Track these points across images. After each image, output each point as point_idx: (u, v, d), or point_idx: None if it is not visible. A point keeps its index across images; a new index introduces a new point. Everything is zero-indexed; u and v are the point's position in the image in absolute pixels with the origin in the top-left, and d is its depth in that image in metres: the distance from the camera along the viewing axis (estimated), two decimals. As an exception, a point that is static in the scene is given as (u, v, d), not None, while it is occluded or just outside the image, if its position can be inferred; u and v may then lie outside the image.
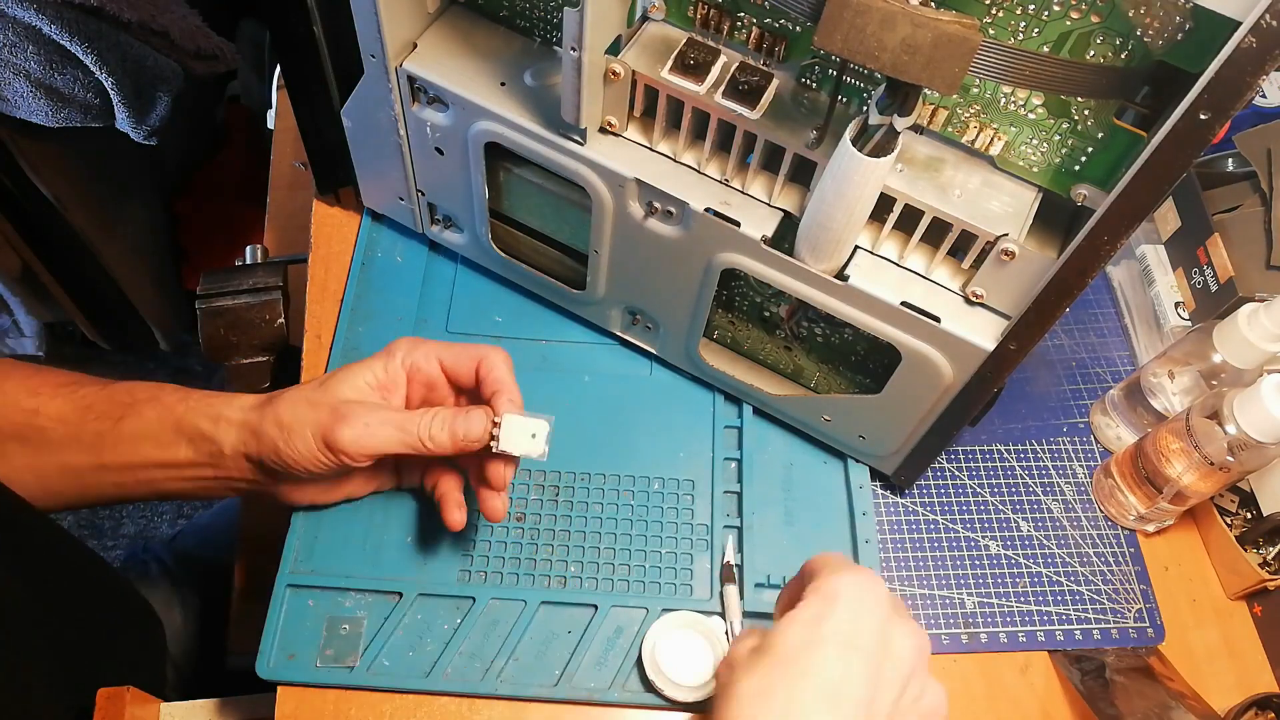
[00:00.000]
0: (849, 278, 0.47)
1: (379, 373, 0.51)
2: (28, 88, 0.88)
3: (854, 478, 0.59)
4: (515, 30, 0.53)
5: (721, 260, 0.50)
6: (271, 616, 0.52)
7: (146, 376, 0.69)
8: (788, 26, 0.46)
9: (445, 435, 0.48)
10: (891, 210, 0.46)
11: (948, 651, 0.56)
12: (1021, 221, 0.45)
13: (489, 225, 0.60)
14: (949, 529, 0.60)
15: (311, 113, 0.60)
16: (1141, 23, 0.37)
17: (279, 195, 0.90)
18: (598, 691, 0.52)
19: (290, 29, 0.53)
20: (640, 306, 0.59)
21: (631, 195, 0.50)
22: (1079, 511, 0.61)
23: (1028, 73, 0.36)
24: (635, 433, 0.60)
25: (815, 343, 0.57)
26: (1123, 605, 0.58)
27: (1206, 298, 0.63)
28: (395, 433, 0.48)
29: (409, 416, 0.48)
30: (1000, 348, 0.46)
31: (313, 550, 0.55)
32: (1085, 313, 0.71)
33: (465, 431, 0.48)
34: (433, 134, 0.55)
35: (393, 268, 0.66)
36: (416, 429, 0.48)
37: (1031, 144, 0.44)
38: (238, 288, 0.70)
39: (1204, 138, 0.34)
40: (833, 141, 0.43)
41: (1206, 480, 0.55)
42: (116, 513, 1.39)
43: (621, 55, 0.47)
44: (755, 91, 0.45)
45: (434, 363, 0.52)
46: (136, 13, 0.90)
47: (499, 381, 0.51)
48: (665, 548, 0.57)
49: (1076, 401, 0.66)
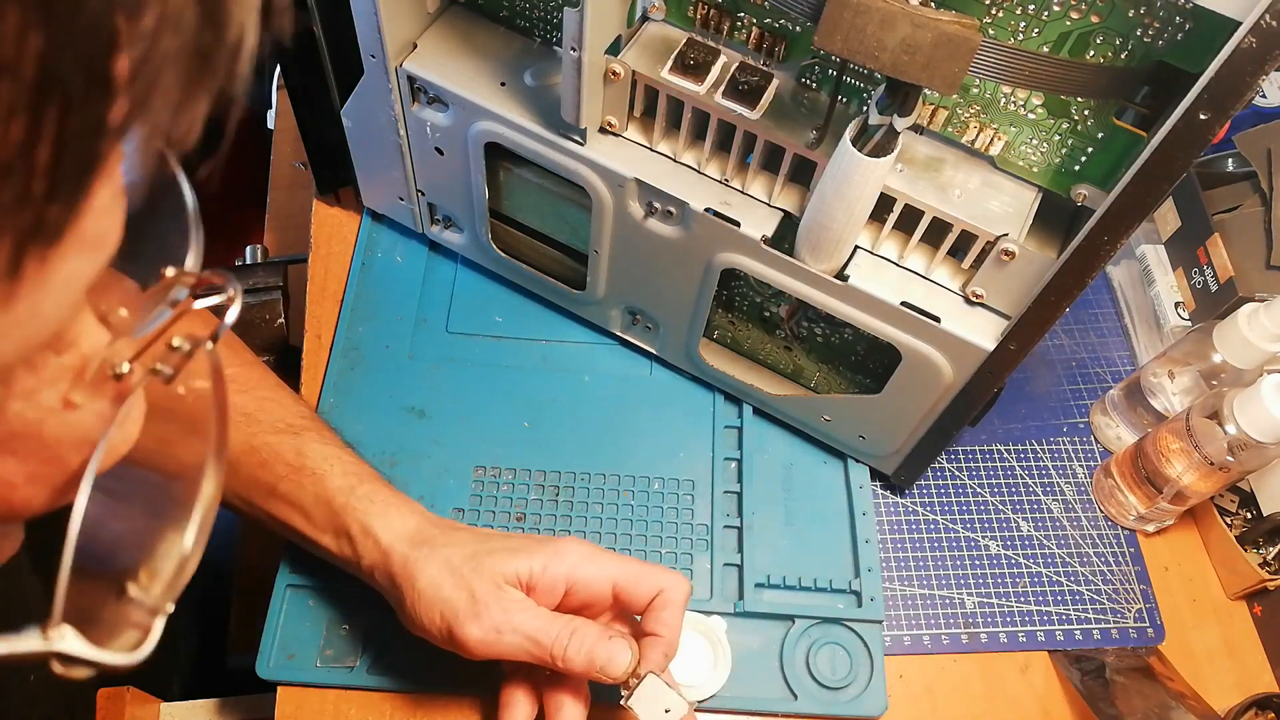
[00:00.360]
0: (849, 278, 0.47)
1: (536, 567, 0.45)
2: (27, 88, 0.88)
3: (854, 478, 0.59)
4: (515, 30, 0.53)
5: (721, 260, 0.50)
6: (271, 616, 0.52)
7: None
8: (788, 26, 0.46)
9: (581, 660, 0.43)
10: (891, 210, 0.46)
11: (948, 651, 0.56)
12: (1021, 221, 0.45)
13: (489, 225, 0.60)
14: (949, 529, 0.60)
15: (311, 113, 0.60)
16: (1141, 23, 0.37)
17: (279, 195, 0.90)
18: (598, 691, 0.52)
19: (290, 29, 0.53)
20: (640, 306, 0.59)
21: (631, 195, 0.50)
22: (1079, 511, 0.61)
23: (1028, 73, 0.36)
24: (635, 433, 0.60)
25: (815, 343, 0.57)
26: (1123, 605, 0.58)
27: (1206, 298, 0.63)
28: (525, 644, 0.43)
29: (546, 627, 0.43)
30: (1000, 348, 0.46)
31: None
32: (1085, 313, 0.71)
33: (604, 664, 0.43)
34: (433, 134, 0.55)
35: (393, 268, 0.66)
36: (551, 644, 0.43)
37: (1031, 144, 0.44)
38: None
39: (1204, 138, 0.34)
40: (833, 141, 0.43)
41: (1206, 480, 0.55)
42: (116, 513, 1.38)
43: (621, 55, 0.47)
44: (755, 91, 0.45)
45: (606, 585, 0.46)
46: (136, 13, 0.90)
47: (666, 626, 0.45)
48: (665, 548, 0.57)
49: (1076, 401, 0.66)
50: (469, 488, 0.58)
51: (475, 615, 0.43)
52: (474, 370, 0.62)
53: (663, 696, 0.44)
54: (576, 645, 0.43)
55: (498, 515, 0.57)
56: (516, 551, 0.45)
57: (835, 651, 0.54)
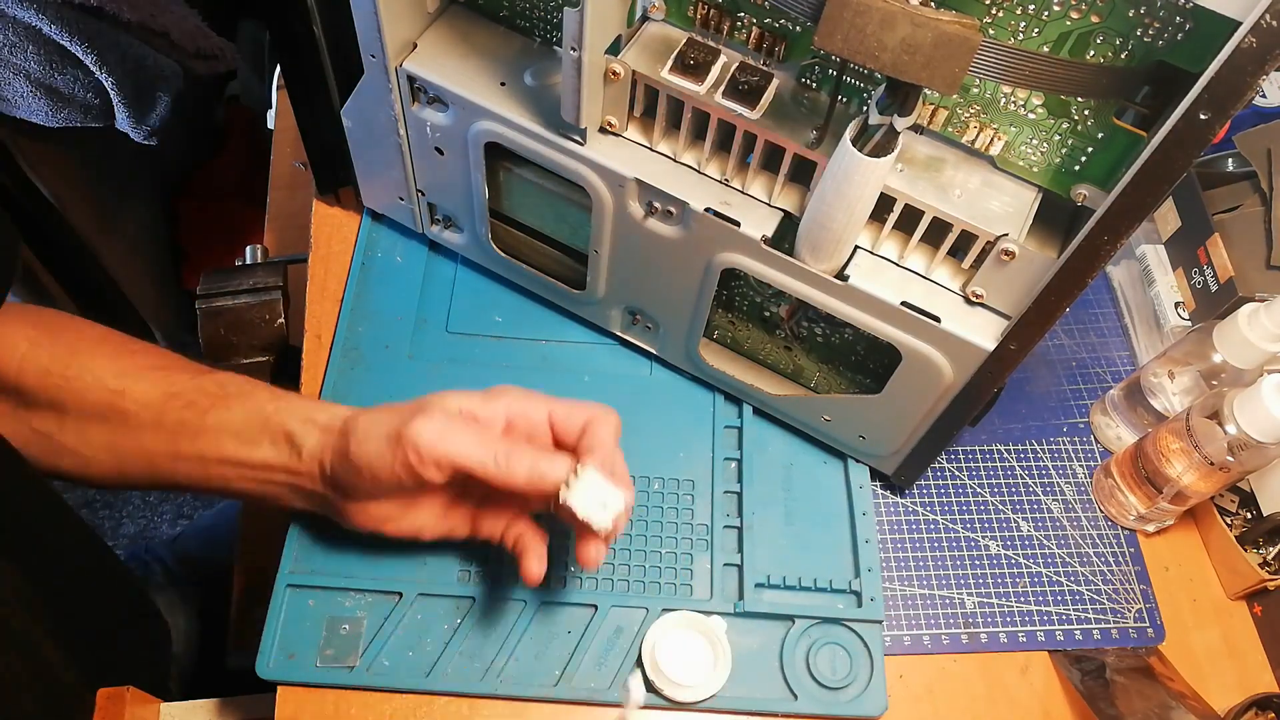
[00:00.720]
0: (849, 278, 0.47)
1: (475, 404, 0.48)
2: (28, 87, 0.88)
3: (854, 478, 0.59)
4: (515, 30, 0.53)
5: (721, 260, 0.50)
6: (271, 616, 0.52)
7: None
8: (788, 26, 0.46)
9: (523, 468, 0.44)
10: (891, 210, 0.46)
11: (948, 651, 0.56)
12: (1021, 221, 0.45)
13: (489, 225, 0.60)
14: (949, 529, 0.60)
15: (311, 113, 0.60)
16: (1141, 23, 0.37)
17: (279, 195, 0.90)
18: (598, 691, 0.52)
19: (290, 29, 0.53)
20: (640, 306, 0.59)
21: (631, 195, 0.50)
22: (1079, 511, 0.61)
23: (1028, 73, 0.36)
24: (635, 433, 0.60)
25: (815, 343, 0.57)
26: (1123, 605, 0.58)
27: (1206, 298, 0.63)
28: (473, 443, 0.45)
29: (489, 439, 0.45)
30: (1000, 348, 0.46)
31: (313, 550, 0.55)
32: (1085, 313, 0.71)
33: (544, 471, 0.45)
34: (433, 134, 0.55)
35: (393, 268, 0.66)
36: (495, 453, 0.45)
37: (1031, 144, 0.44)
38: (238, 288, 0.70)
39: (1204, 138, 0.34)
40: (833, 141, 0.43)
41: (1206, 480, 0.55)
42: (116, 513, 1.39)
43: (621, 55, 0.47)
44: (755, 91, 0.45)
45: (543, 414, 0.49)
46: (136, 12, 0.90)
47: (601, 442, 0.47)
48: (665, 548, 0.57)
49: (1076, 401, 0.66)
50: (469, 488, 0.58)
51: (424, 411, 0.45)
52: (474, 370, 0.62)
53: (600, 490, 0.45)
54: (520, 456, 0.45)
55: (498, 515, 0.57)
56: (450, 392, 0.48)
57: (835, 652, 0.54)
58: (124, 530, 1.38)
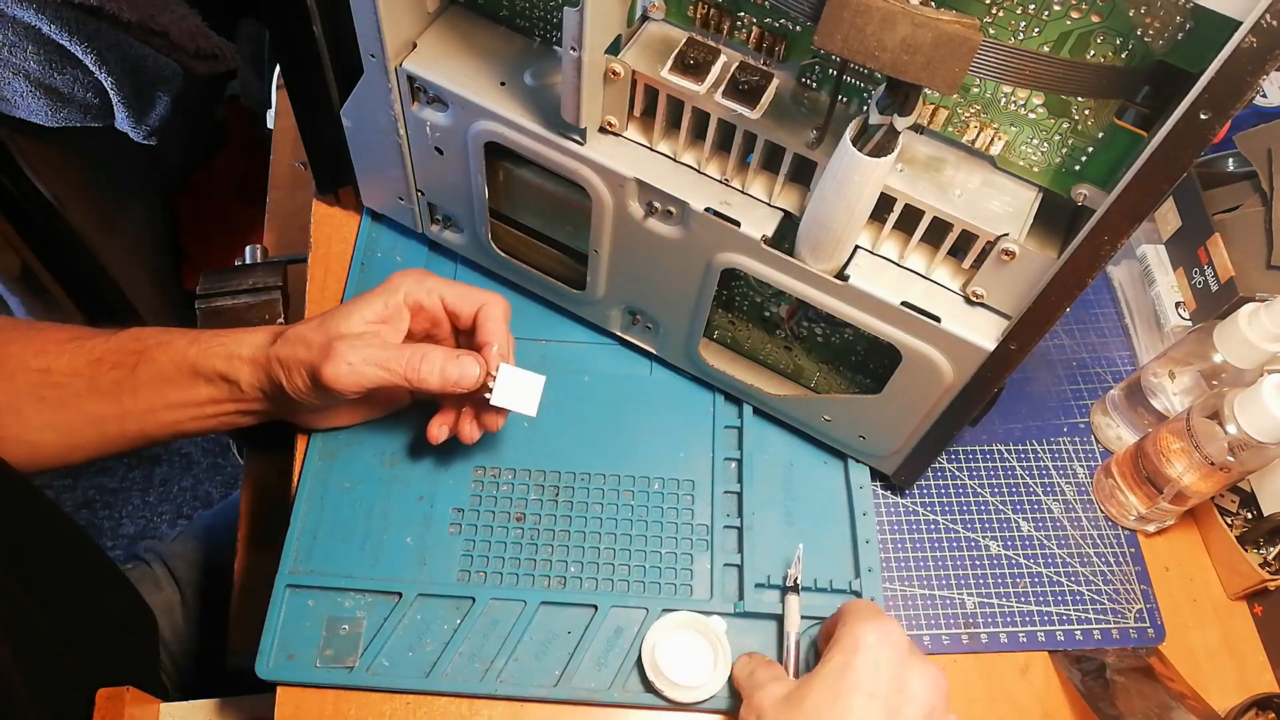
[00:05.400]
0: (849, 277, 0.47)
1: (379, 308, 0.52)
2: (27, 87, 0.88)
3: (854, 478, 0.59)
4: (515, 30, 0.53)
5: (721, 260, 0.50)
6: (271, 616, 0.52)
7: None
8: (788, 26, 0.46)
9: (435, 378, 0.49)
10: (892, 210, 0.46)
11: (948, 651, 0.56)
12: (1022, 221, 0.45)
13: (489, 225, 0.60)
14: (949, 529, 0.60)
15: (311, 113, 0.60)
16: (1142, 22, 0.37)
17: (279, 195, 0.90)
18: (598, 692, 0.52)
19: (290, 29, 0.53)
20: (640, 306, 0.59)
21: (631, 195, 0.50)
22: (1079, 511, 0.61)
23: (1028, 73, 0.36)
24: (635, 433, 0.60)
25: (815, 343, 0.57)
26: (1123, 605, 0.58)
27: (1207, 298, 0.63)
28: (380, 372, 0.49)
29: (397, 354, 0.49)
30: (1000, 348, 0.46)
31: (312, 550, 0.55)
32: (1085, 313, 0.71)
33: (457, 377, 0.49)
34: (433, 134, 0.55)
35: (393, 268, 0.65)
36: (404, 368, 0.49)
37: (1032, 144, 0.44)
38: (237, 288, 0.70)
39: (1204, 138, 0.34)
40: (833, 141, 0.43)
41: (1207, 480, 0.55)
42: (116, 513, 1.39)
43: (621, 55, 0.47)
44: (755, 91, 0.45)
45: (436, 300, 0.53)
46: (136, 12, 0.90)
47: (493, 333, 0.52)
48: (665, 548, 0.56)
49: (1077, 401, 0.66)
50: (468, 488, 0.58)
51: (329, 358, 0.48)
52: (474, 370, 0.62)
53: (519, 379, 0.51)
54: (429, 366, 0.49)
55: (497, 515, 0.57)
56: (356, 302, 0.52)
57: (835, 652, 0.54)
58: (124, 530, 1.38)
